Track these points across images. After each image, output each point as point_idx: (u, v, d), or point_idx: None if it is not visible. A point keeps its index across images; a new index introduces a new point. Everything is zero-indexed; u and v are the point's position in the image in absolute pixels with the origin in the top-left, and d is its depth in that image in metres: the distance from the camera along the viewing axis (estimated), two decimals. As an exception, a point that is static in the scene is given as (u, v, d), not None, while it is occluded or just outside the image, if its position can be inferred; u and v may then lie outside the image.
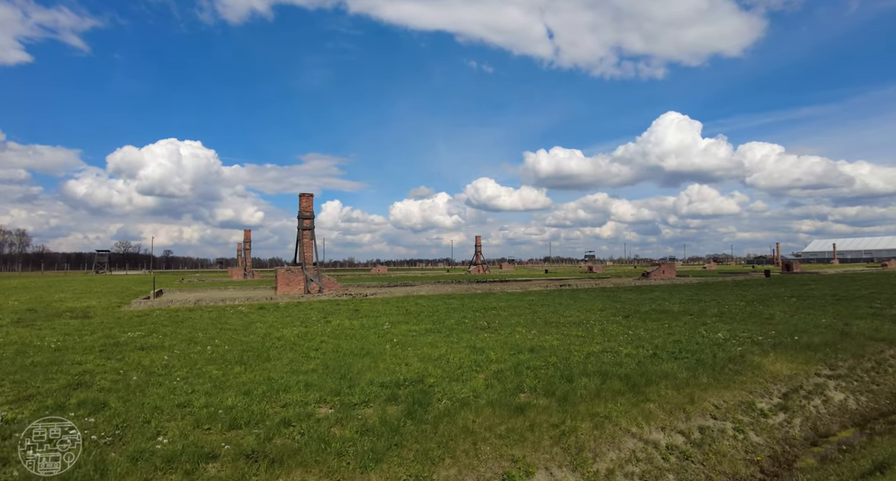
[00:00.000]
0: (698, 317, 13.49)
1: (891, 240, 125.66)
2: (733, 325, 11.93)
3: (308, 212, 29.04)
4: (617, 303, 18.10)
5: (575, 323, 12.80)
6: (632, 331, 11.20)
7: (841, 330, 11.12)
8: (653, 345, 9.56)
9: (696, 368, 7.76)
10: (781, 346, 9.28)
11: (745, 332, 10.90)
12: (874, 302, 16.93)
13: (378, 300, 21.10)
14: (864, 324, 12.16)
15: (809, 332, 10.72)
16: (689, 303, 17.21)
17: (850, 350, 9.37)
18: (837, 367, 8.49)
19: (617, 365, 7.87)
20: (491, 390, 6.60)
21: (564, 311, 15.34)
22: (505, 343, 9.92)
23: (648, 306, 16.48)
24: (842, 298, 18.43)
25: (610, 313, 14.76)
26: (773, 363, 8.22)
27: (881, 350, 9.79)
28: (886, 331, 11.32)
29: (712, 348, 9.13)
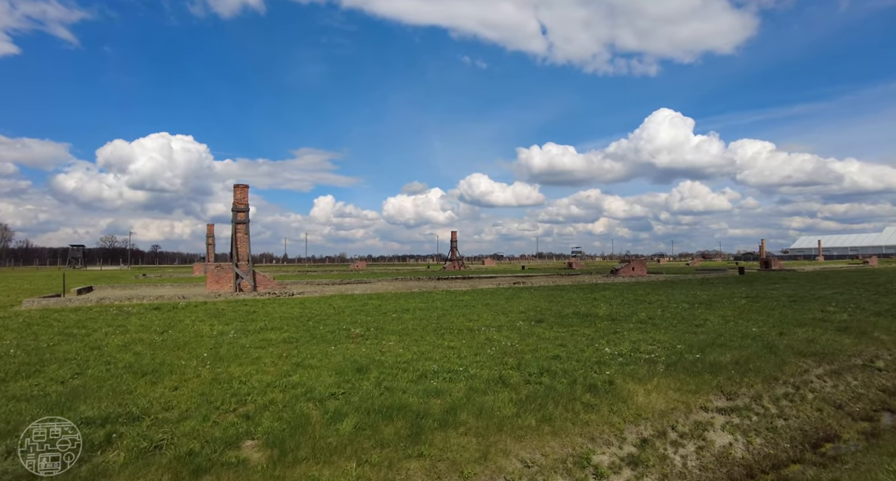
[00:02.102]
0: (617, 324, 11.60)
1: (875, 237, 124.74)
2: (647, 335, 10.05)
3: (242, 204, 26.94)
4: (552, 303, 16.25)
5: (470, 329, 10.91)
6: (519, 342, 9.30)
7: (769, 342, 9.25)
8: (520, 361, 7.67)
9: (539, 400, 5.86)
10: (677, 367, 7.39)
11: (653, 345, 9.02)
12: (830, 303, 15.11)
13: (298, 300, 19.20)
14: (802, 332, 10.31)
15: (727, 346, 8.85)
16: (626, 305, 15.34)
17: (764, 370, 7.49)
18: (737, 396, 6.60)
19: (433, 395, 5.96)
20: (193, 440, 4.66)
21: (480, 314, 13.48)
22: (346, 359, 8.00)
23: (576, 308, 14.60)
24: (798, 299, 16.61)
25: (526, 316, 12.87)
26: (649, 392, 6.33)
27: (805, 369, 7.92)
28: (823, 342, 9.47)
29: (587, 369, 7.23)
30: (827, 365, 8.34)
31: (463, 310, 14.44)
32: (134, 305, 17.34)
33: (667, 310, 13.95)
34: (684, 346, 8.76)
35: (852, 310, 13.63)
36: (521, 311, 14.09)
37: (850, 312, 13.30)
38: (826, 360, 8.49)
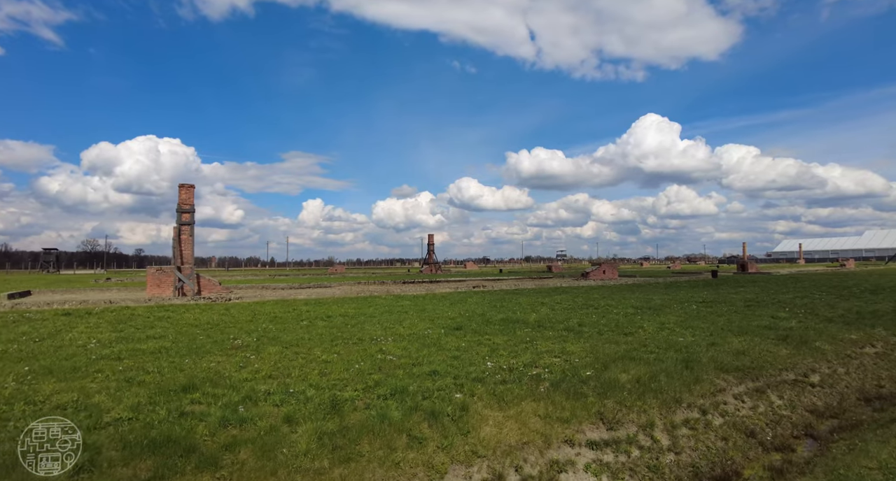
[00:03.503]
0: (540, 331, 10.44)
1: (856, 240, 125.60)
2: (561, 345, 8.90)
3: (187, 204, 25.59)
4: (492, 308, 15.09)
5: (373, 338, 9.73)
6: (409, 354, 8.11)
7: (691, 354, 8.13)
8: (384, 378, 6.47)
9: (355, 432, 4.67)
10: (562, 386, 6.22)
11: (557, 358, 7.87)
12: (785, 309, 14.06)
13: (227, 306, 17.89)
14: (738, 342, 9.21)
15: (640, 359, 7.71)
16: (567, 311, 14.21)
17: (668, 391, 6.35)
18: (621, 425, 5.45)
19: (233, 423, 4.76)
20: None
21: (404, 321, 12.27)
22: (188, 376, 6.76)
23: (512, 314, 13.44)
24: (754, 304, 15.56)
25: (451, 323, 11.66)
26: (505, 421, 5.15)
27: (721, 388, 6.79)
28: (756, 354, 8.37)
29: (450, 389, 6.05)
30: (751, 381, 7.23)
31: (390, 317, 13.25)
32: (45, 311, 15.95)
33: (606, 316, 12.83)
34: (591, 359, 7.61)
35: (804, 316, 12.59)
36: (450, 318, 12.91)
37: (800, 318, 12.25)
38: (751, 376, 7.38)
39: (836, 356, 8.98)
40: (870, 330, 11.08)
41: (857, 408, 7.24)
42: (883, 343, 10.39)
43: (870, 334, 10.72)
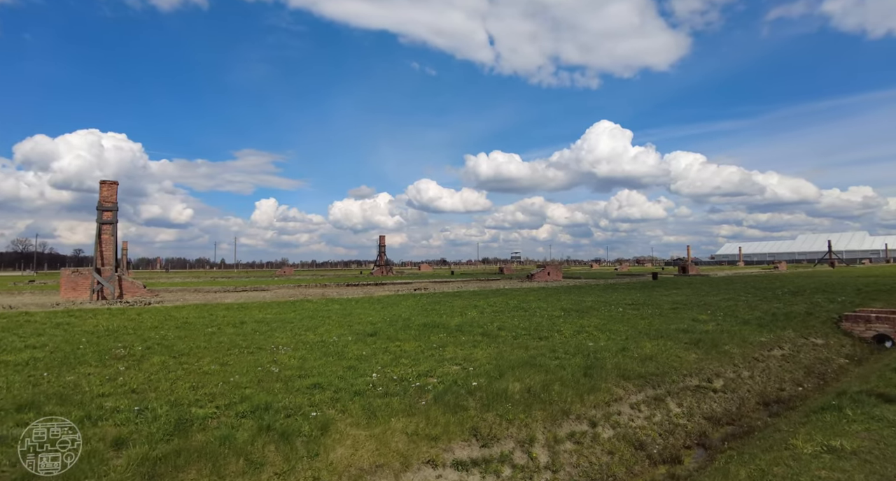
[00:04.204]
0: (455, 336, 10.03)
1: (790, 243, 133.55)
2: (470, 351, 8.51)
3: (109, 202, 23.92)
4: (419, 311, 14.61)
5: (276, 347, 9.06)
6: (305, 364, 7.52)
7: (596, 360, 7.89)
8: (257, 391, 5.86)
9: (184, 456, 4.07)
10: (445, 398, 5.78)
11: (457, 366, 7.46)
12: (707, 311, 14.21)
13: (140, 310, 16.69)
14: (650, 346, 9.08)
15: (542, 366, 7.39)
16: (494, 314, 13.92)
17: (558, 401, 6.02)
18: (497, 440, 5.05)
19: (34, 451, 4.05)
20: None
21: (318, 327, 11.64)
22: (39, 391, 5.93)
23: (437, 318, 13.00)
24: (680, 306, 15.72)
25: (370, 328, 11.09)
26: (364, 441, 4.66)
27: (618, 396, 6.54)
28: (664, 359, 8.22)
29: (325, 405, 5.51)
30: (651, 388, 7.03)
31: (308, 323, 12.55)
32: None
33: (531, 319, 12.59)
34: (491, 367, 7.23)
35: (723, 319, 12.73)
36: (370, 323, 12.34)
37: (719, 321, 12.37)
38: (653, 383, 7.18)
39: (744, 359, 8.97)
40: (780, 332, 11.26)
41: (754, 414, 7.16)
42: (791, 344, 10.54)
43: (779, 336, 10.87)
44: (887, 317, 12.16)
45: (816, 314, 13.97)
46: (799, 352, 10.29)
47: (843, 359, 10.50)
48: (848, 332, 12.43)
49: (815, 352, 10.50)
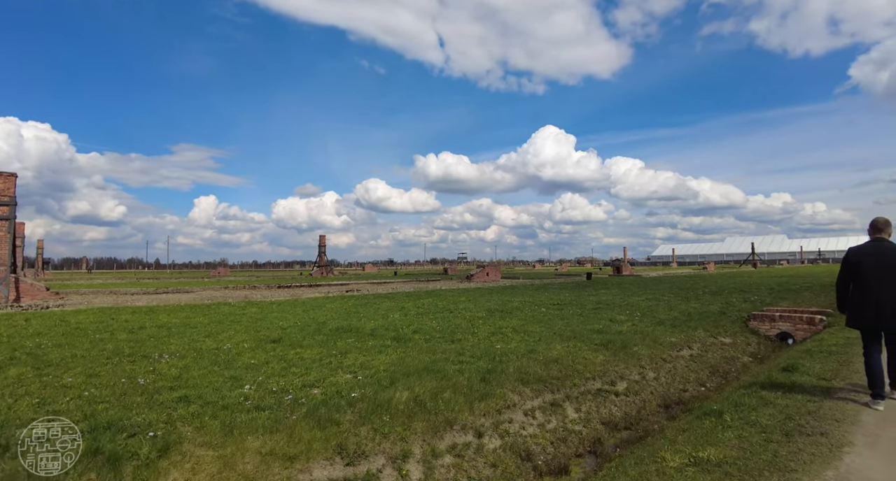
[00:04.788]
0: (365, 341, 9.52)
1: (719, 245, 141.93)
2: (374, 357, 8.04)
3: (5, 196, 21.69)
4: (341, 316, 13.99)
5: (161, 355, 8.23)
6: (189, 375, 6.78)
7: (497, 364, 7.60)
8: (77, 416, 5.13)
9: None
10: (320, 411, 5.26)
11: (352, 374, 6.95)
12: (628, 310, 14.36)
13: (29, 315, 15.12)
14: (561, 348, 8.91)
15: (441, 372, 7.00)
16: (418, 316, 13.49)
17: (445, 410, 5.63)
18: (366, 457, 4.59)
19: None
20: None
21: (221, 333, 10.81)
22: None
23: (356, 321, 12.45)
24: (604, 306, 15.85)
25: (279, 333, 10.38)
26: (213, 461, 4.08)
27: (511, 403, 6.23)
28: (569, 361, 8.04)
29: (185, 422, 4.87)
30: (550, 393, 6.78)
31: (214, 327, 11.67)
32: None
33: (451, 321, 12.25)
34: (386, 374, 6.77)
35: (639, 319, 12.86)
36: (280, 327, 11.61)
37: (635, 321, 12.47)
38: (554, 387, 6.95)
39: (651, 361, 8.96)
40: (692, 332, 11.45)
41: (653, 416, 7.06)
42: (700, 344, 10.71)
43: (690, 336, 11.04)
44: (789, 316, 12.65)
45: (729, 313, 14.42)
46: (707, 351, 10.46)
47: (747, 358, 10.77)
48: (755, 331, 12.85)
49: (722, 351, 10.71)
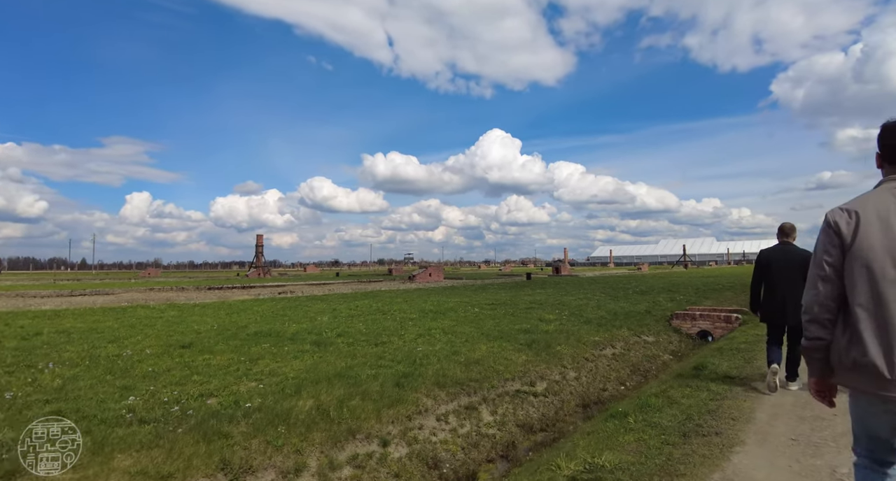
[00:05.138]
0: (282, 346, 9.05)
1: (653, 247, 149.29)
2: (285, 364, 7.61)
3: None
4: (265, 319, 13.36)
5: (32, 365, 7.43)
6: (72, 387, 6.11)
7: (416, 368, 7.38)
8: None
9: None
10: (206, 424, 4.83)
11: (255, 381, 6.52)
12: (558, 310, 14.52)
13: None
14: (485, 349, 8.78)
15: (354, 378, 6.69)
16: (347, 318, 13.08)
17: (349, 419, 5.32)
18: (255, 472, 4.22)
19: None
20: None
21: (125, 339, 9.99)
22: None
23: (279, 325, 11.89)
24: (536, 306, 15.99)
25: (195, 339, 9.68)
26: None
27: (425, 408, 6.00)
28: (489, 364, 7.91)
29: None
30: (467, 396, 6.61)
31: (123, 332, 10.80)
32: None
33: (380, 324, 11.92)
34: (293, 382, 6.37)
35: (567, 318, 13.02)
36: (195, 332, 10.88)
37: (563, 320, 12.61)
38: (471, 390, 6.78)
39: (573, 360, 9.00)
40: (616, 331, 11.67)
41: (571, 417, 7.04)
42: (623, 343, 10.92)
43: (614, 335, 11.24)
44: (709, 315, 13.19)
45: (654, 312, 14.88)
46: (630, 350, 10.67)
47: (667, 356, 11.08)
48: (677, 329, 13.31)
49: (644, 350, 10.97)
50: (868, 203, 1.88)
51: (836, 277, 1.89)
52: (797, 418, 4.45)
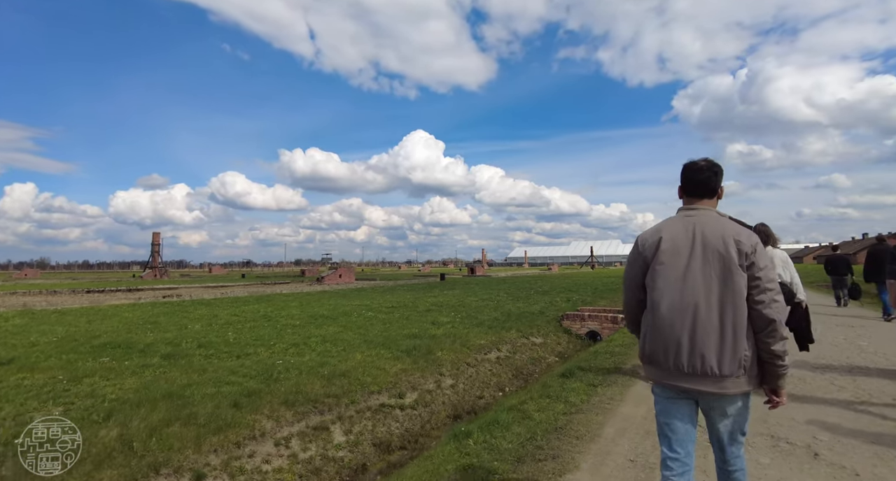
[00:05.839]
0: (131, 359, 7.90)
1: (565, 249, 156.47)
2: (116, 382, 6.55)
3: None
4: (134, 327, 11.87)
5: None
6: None
7: (269, 384, 6.63)
8: None
9: None
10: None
11: (70, 403, 5.47)
12: (454, 312, 14.25)
13: None
14: (360, 358, 8.17)
15: (188, 399, 5.83)
16: (227, 326, 11.96)
17: (159, 450, 4.52)
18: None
19: None
20: None
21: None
22: None
23: (138, 336, 10.56)
24: (434, 308, 15.62)
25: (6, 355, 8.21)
26: None
27: (263, 431, 5.29)
28: (356, 375, 7.32)
29: None
30: (319, 415, 5.97)
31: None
32: None
33: (256, 332, 10.94)
34: (110, 406, 5.41)
35: (461, 320, 12.73)
36: (32, 344, 9.39)
37: (456, 323, 12.30)
38: (324, 407, 6.14)
39: (453, 366, 8.63)
40: (506, 333, 11.51)
41: (437, 430, 6.62)
42: (510, 346, 10.75)
43: (502, 337, 11.05)
44: (597, 316, 13.43)
45: (547, 313, 14.99)
46: (516, 353, 10.51)
47: (553, 358, 11.07)
48: (567, 330, 13.44)
49: (531, 352, 10.87)
50: (666, 227, 2.29)
51: (640, 286, 2.33)
52: (643, 433, 4.25)
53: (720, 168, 2.35)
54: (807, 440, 3.96)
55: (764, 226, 6.96)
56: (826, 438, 3.98)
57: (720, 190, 2.37)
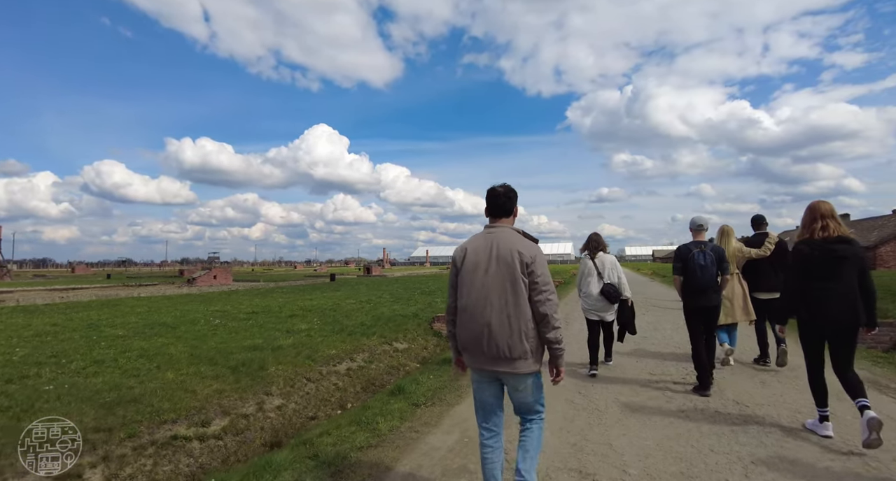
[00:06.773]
0: None
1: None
2: None
3: None
4: None
5: None
6: None
7: (27, 416, 5.24)
8: None
9: None
10: None
11: None
12: (319, 317, 13.19)
13: None
14: (171, 377, 6.89)
15: None
16: (38, 337, 9.90)
17: None
18: None
19: None
20: None
21: None
22: None
23: None
24: (299, 314, 14.40)
25: None
26: None
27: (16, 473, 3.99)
28: (149, 402, 6.09)
29: None
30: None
31: None
32: None
33: (63, 345, 9.14)
34: None
35: (321, 327, 11.68)
36: None
37: (315, 329, 11.26)
38: (88, 446, 4.89)
39: (288, 383, 7.60)
40: (366, 339, 10.67)
41: (240, 464, 5.60)
42: (367, 354, 9.92)
43: (360, 344, 10.20)
44: (468, 317, 13.02)
45: (422, 315, 14.38)
46: (373, 361, 9.70)
47: (415, 364, 10.39)
48: (437, 333, 12.90)
49: (390, 360, 10.11)
50: (472, 242, 2.93)
51: (454, 289, 2.96)
52: (439, 473, 3.59)
53: (515, 193, 3.04)
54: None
55: (597, 235, 7.46)
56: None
57: (515, 210, 3.02)
